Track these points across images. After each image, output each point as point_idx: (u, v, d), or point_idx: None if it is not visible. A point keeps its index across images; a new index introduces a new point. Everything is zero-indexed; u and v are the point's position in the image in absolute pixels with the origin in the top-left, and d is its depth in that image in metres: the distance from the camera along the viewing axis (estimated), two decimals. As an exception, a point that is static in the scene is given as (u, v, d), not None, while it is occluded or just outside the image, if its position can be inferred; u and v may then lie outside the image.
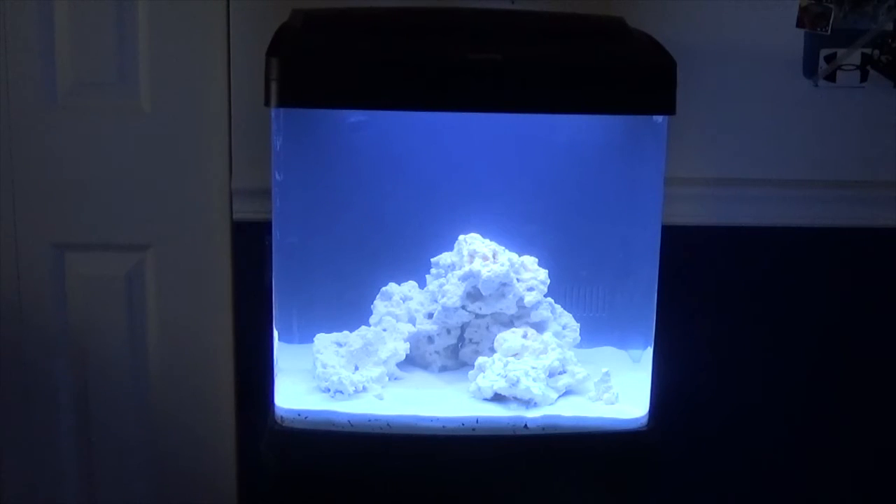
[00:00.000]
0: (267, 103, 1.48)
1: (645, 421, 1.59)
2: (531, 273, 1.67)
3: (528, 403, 1.58)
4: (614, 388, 1.61)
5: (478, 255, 1.65)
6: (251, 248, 1.90)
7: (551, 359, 1.61)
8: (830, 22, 1.89)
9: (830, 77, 1.93)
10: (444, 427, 1.55)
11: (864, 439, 2.11)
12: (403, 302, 1.70)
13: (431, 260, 1.71)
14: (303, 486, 1.59)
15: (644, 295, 1.64)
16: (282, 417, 1.57)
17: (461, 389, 1.62)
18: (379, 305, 1.70)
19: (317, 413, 1.56)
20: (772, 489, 2.12)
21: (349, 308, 1.70)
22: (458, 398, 1.61)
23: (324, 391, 1.60)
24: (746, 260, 2.02)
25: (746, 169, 1.96)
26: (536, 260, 1.68)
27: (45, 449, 2.02)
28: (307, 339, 1.67)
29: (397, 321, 1.67)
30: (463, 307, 1.65)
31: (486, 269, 1.62)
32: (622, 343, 1.75)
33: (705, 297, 2.02)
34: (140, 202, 1.94)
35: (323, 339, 1.66)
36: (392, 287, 1.71)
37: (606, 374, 1.62)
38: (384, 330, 1.67)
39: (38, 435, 2.01)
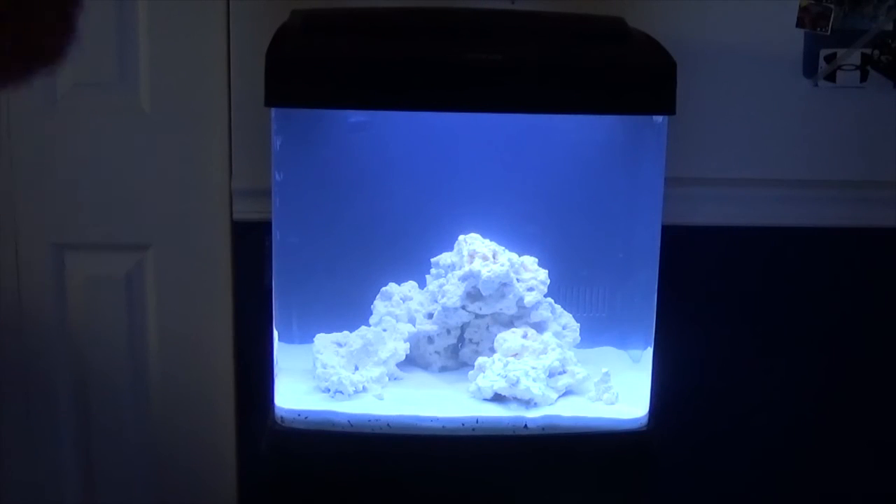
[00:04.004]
0: (267, 103, 1.48)
1: (645, 421, 1.59)
2: (531, 273, 1.67)
3: (528, 403, 1.58)
4: (614, 388, 1.61)
5: (478, 255, 1.65)
6: (251, 248, 1.90)
7: (551, 359, 1.61)
8: (830, 22, 1.89)
9: (830, 77, 1.93)
10: (444, 427, 1.55)
11: (864, 439, 2.11)
12: (403, 302, 1.70)
13: (431, 260, 1.71)
14: (303, 486, 1.59)
15: (644, 295, 1.64)
16: (282, 417, 1.57)
17: (461, 389, 1.62)
18: (379, 305, 1.70)
19: (317, 413, 1.56)
20: (772, 489, 2.12)
21: (349, 308, 1.70)
22: (458, 398, 1.61)
23: (324, 391, 1.60)
24: (746, 260, 2.02)
25: (746, 169, 1.96)
26: (536, 260, 1.68)
27: (45, 448, 2.02)
28: (307, 339, 1.67)
29: (397, 321, 1.67)
30: (463, 307, 1.65)
31: (486, 269, 1.62)
32: (622, 343, 1.75)
33: (705, 297, 2.02)
34: (140, 202, 1.94)
35: (323, 339, 1.66)
36: (392, 287, 1.71)
37: (606, 374, 1.62)
38: (384, 330, 1.67)
39: (38, 434, 2.01)
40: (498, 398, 1.59)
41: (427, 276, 1.72)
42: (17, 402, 2.00)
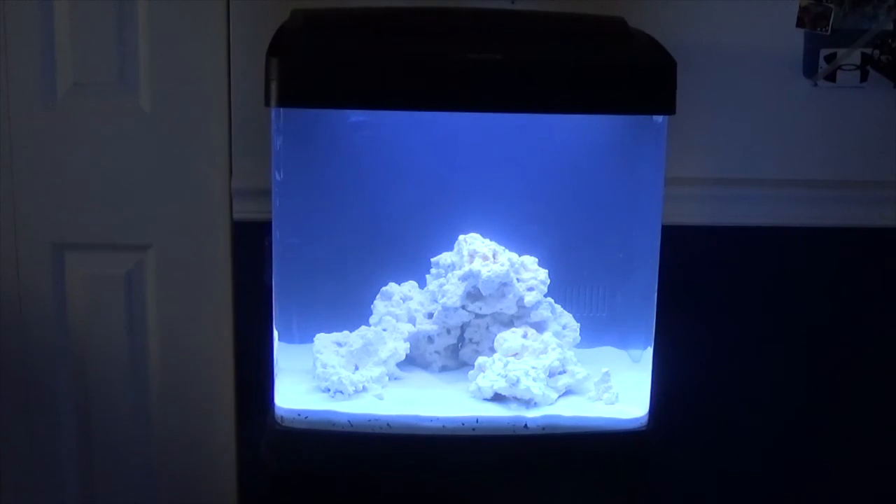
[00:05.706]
0: (267, 103, 1.48)
1: (645, 421, 1.59)
2: (531, 273, 1.67)
3: (528, 403, 1.58)
4: (614, 388, 1.61)
5: (478, 255, 1.65)
6: (251, 248, 1.90)
7: (551, 359, 1.61)
8: (830, 22, 1.89)
9: (830, 77, 1.93)
10: (444, 427, 1.56)
11: (864, 439, 2.11)
12: (403, 302, 1.70)
13: (431, 260, 1.71)
14: (303, 486, 1.59)
15: (644, 295, 1.64)
16: (282, 417, 1.57)
17: (461, 389, 1.62)
18: (379, 305, 1.70)
19: (317, 413, 1.56)
20: (771, 489, 2.12)
21: (349, 308, 1.70)
22: (458, 398, 1.61)
23: (324, 391, 1.60)
24: (746, 260, 2.02)
25: (747, 169, 1.96)
26: (536, 260, 1.68)
27: (46, 448, 2.02)
28: (307, 339, 1.67)
29: (397, 321, 1.68)
30: (463, 307, 1.65)
31: (486, 269, 1.62)
32: (622, 343, 1.75)
33: (705, 297, 2.02)
34: (140, 202, 1.94)
35: (323, 339, 1.66)
36: (392, 287, 1.71)
37: (606, 374, 1.62)
38: (384, 330, 1.67)
39: (39, 434, 2.01)
40: (498, 398, 1.59)
41: (427, 276, 1.72)
42: (17, 402, 2.00)
